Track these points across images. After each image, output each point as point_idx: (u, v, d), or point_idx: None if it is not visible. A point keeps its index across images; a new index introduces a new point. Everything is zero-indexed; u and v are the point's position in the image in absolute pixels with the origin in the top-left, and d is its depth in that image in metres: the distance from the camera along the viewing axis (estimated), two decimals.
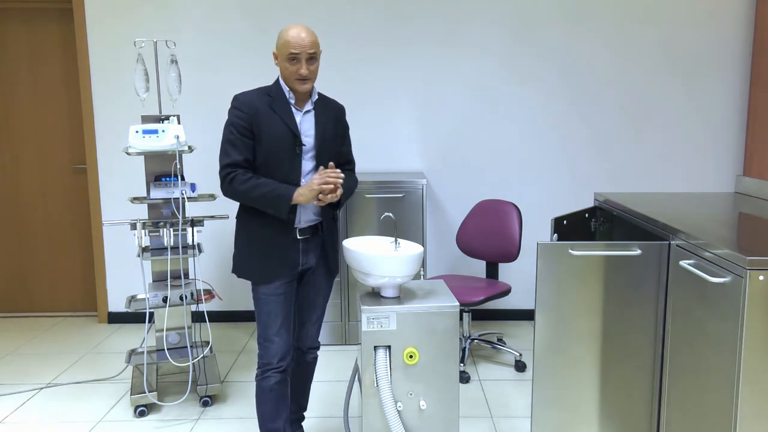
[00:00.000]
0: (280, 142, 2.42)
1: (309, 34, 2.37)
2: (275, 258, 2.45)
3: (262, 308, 2.47)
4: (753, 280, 1.80)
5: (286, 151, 2.43)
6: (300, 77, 2.39)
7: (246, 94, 2.46)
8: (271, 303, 2.46)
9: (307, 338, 2.67)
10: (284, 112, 2.44)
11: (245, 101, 2.42)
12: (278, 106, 2.44)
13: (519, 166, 4.33)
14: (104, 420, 3.07)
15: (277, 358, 2.47)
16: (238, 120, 2.40)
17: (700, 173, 4.33)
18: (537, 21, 4.19)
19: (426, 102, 4.28)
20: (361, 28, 4.21)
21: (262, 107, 2.42)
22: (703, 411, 2.05)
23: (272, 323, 2.46)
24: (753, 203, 2.84)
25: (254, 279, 2.47)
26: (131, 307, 3.14)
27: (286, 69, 2.39)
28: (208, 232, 4.40)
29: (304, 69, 2.38)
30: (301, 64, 2.37)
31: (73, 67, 4.42)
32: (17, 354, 3.94)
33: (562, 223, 2.80)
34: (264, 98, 2.44)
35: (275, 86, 2.49)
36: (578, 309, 2.34)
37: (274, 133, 2.41)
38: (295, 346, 2.66)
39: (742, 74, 4.23)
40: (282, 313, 2.47)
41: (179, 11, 4.21)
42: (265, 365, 2.48)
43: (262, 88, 2.50)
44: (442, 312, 2.25)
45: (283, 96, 2.46)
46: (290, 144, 2.43)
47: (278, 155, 2.42)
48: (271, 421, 2.50)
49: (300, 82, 2.41)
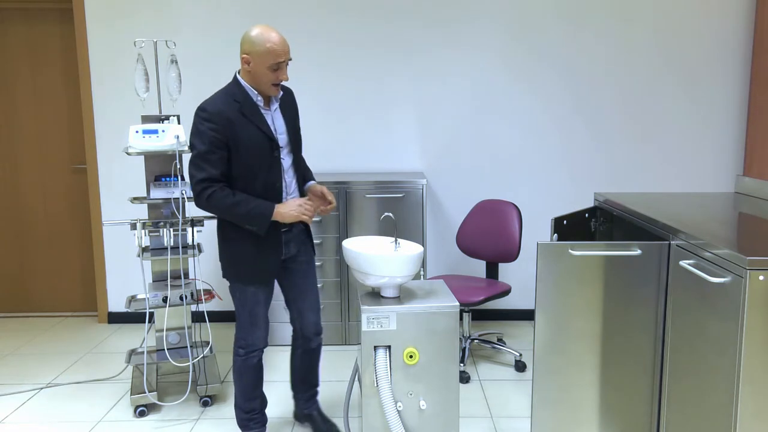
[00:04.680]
0: (257, 149, 2.41)
1: (284, 38, 2.37)
2: (261, 258, 2.52)
3: (249, 297, 2.56)
4: (753, 280, 1.80)
5: (265, 156, 2.43)
6: (281, 83, 2.39)
7: (213, 103, 2.38)
8: (260, 293, 2.56)
9: (309, 325, 2.74)
10: (256, 118, 2.41)
11: (216, 111, 2.35)
12: (249, 111, 2.40)
13: (519, 166, 4.33)
14: (104, 420, 3.07)
15: (261, 342, 2.62)
16: (212, 132, 2.34)
17: (700, 173, 4.33)
18: (537, 21, 4.19)
19: (426, 102, 4.28)
20: (360, 28, 4.21)
21: (233, 115, 2.37)
22: (703, 411, 2.05)
23: (259, 311, 2.59)
24: (753, 203, 2.84)
25: (246, 281, 2.54)
26: (131, 307, 3.14)
27: (266, 75, 2.35)
28: (208, 232, 4.40)
29: (285, 75, 2.38)
30: (283, 70, 2.36)
31: (73, 67, 4.42)
32: (17, 354, 3.94)
33: (562, 223, 2.80)
34: (232, 104, 2.38)
35: (238, 89, 2.42)
36: (578, 309, 2.34)
37: (251, 142, 2.39)
38: (300, 334, 2.76)
39: (742, 74, 4.23)
40: (266, 302, 2.61)
41: (179, 11, 4.21)
42: (251, 346, 2.61)
43: (226, 93, 2.43)
44: (442, 312, 2.25)
45: (250, 99, 2.41)
46: (268, 149, 2.43)
47: (257, 162, 2.42)
48: (254, 389, 2.67)
49: (276, 88, 2.40)
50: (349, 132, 4.30)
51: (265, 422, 2.77)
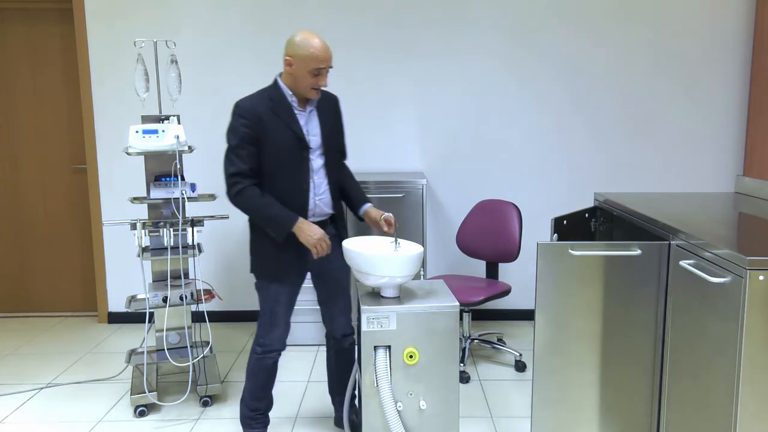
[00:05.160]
0: (285, 147, 2.47)
1: (328, 45, 2.41)
2: (286, 257, 2.54)
3: (271, 295, 2.58)
4: (753, 280, 1.80)
5: (293, 155, 2.48)
6: (319, 88, 2.44)
7: (248, 100, 2.47)
8: (282, 292, 2.58)
9: (339, 327, 2.76)
10: (288, 117, 2.47)
11: (248, 108, 2.44)
12: (281, 110, 2.47)
13: (519, 166, 4.33)
14: (104, 420, 3.07)
15: (279, 343, 2.63)
16: (243, 128, 2.43)
17: (700, 173, 4.33)
18: (536, 22, 4.19)
19: (426, 102, 4.28)
20: (362, 29, 4.21)
21: (265, 113, 2.45)
22: (703, 411, 2.06)
23: (281, 311, 2.60)
24: (753, 203, 2.84)
25: (269, 278, 2.57)
26: (131, 307, 3.14)
27: (306, 80, 2.42)
28: (208, 232, 4.40)
29: (325, 81, 2.43)
30: (323, 76, 2.42)
31: (73, 67, 4.42)
32: (17, 354, 3.94)
33: (562, 223, 2.80)
34: (266, 103, 2.46)
35: (275, 89, 2.50)
36: (578, 309, 2.34)
37: (279, 140, 2.45)
38: (331, 336, 2.79)
39: (742, 74, 4.23)
40: (288, 304, 2.61)
41: (179, 11, 4.21)
42: (268, 346, 2.62)
43: (263, 92, 2.51)
44: (442, 312, 2.25)
45: (284, 99, 2.48)
46: (296, 148, 2.48)
47: (284, 160, 2.48)
48: (263, 390, 2.68)
49: (315, 92, 2.46)
50: (350, 132, 4.30)
51: (267, 424, 2.77)
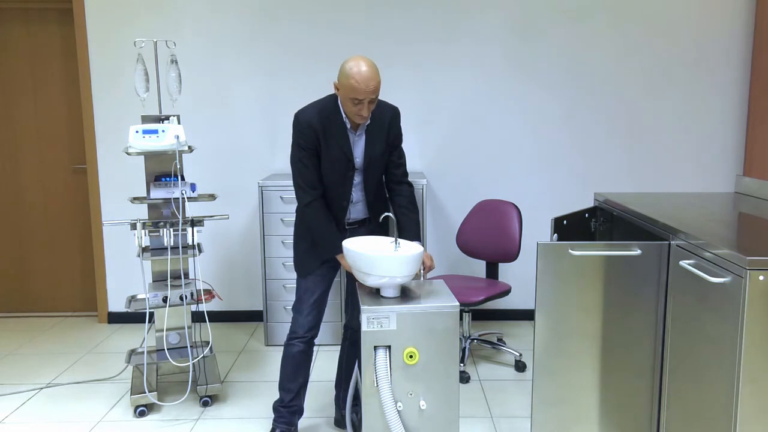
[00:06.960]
0: (335, 164, 2.55)
1: (374, 77, 2.37)
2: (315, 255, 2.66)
3: (301, 284, 2.70)
4: (753, 280, 1.80)
5: (341, 172, 2.57)
6: (361, 118, 2.46)
7: (306, 113, 2.53)
8: (310, 281, 2.70)
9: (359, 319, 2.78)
10: (341, 137, 2.54)
11: (307, 122, 2.51)
12: (335, 130, 2.53)
13: (519, 166, 4.33)
14: (104, 420, 3.07)
15: (303, 329, 2.70)
16: (304, 142, 2.51)
17: (700, 173, 4.33)
18: (536, 22, 4.19)
19: (425, 102, 4.28)
20: (360, 25, 4.21)
21: (321, 129, 2.51)
22: (703, 411, 2.05)
23: (307, 298, 2.70)
24: (753, 203, 2.84)
25: (302, 273, 2.71)
26: (131, 307, 3.14)
27: (347, 106, 2.45)
28: (208, 232, 4.40)
29: (366, 111, 2.44)
30: (364, 106, 2.42)
31: (73, 67, 4.42)
32: (17, 354, 3.94)
33: (562, 223, 2.80)
34: (323, 120, 2.51)
35: (334, 107, 2.54)
36: (578, 309, 2.34)
37: (332, 157, 2.54)
38: (349, 326, 2.87)
39: (742, 74, 4.23)
40: (318, 291, 2.71)
41: (179, 11, 4.21)
42: (292, 333, 2.72)
43: (321, 107, 2.54)
44: (442, 312, 2.25)
45: (340, 120, 2.53)
46: (344, 167, 2.57)
47: (333, 176, 2.57)
48: (289, 381, 2.75)
49: (360, 118, 2.47)
50: None
51: (289, 424, 2.77)
